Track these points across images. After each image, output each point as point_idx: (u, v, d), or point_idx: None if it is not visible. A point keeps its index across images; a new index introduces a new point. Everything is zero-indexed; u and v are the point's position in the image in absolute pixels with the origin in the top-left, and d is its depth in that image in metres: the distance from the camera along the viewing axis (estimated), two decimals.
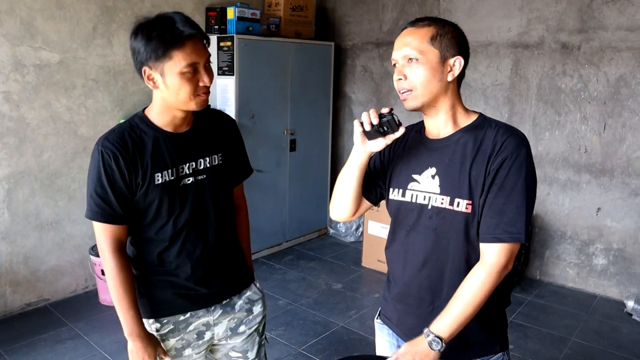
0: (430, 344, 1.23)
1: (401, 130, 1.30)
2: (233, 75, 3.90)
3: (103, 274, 3.38)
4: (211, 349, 1.69)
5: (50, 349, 2.95)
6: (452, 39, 1.30)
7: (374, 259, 4.20)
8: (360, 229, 4.77)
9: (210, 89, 1.47)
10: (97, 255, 3.40)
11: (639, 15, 3.39)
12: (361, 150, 1.36)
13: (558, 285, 3.96)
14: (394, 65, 1.34)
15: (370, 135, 1.32)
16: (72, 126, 3.44)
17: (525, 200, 1.24)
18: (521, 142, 1.28)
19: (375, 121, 1.29)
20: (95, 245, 3.49)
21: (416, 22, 1.33)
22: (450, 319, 1.24)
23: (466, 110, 1.38)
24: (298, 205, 4.66)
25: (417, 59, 1.28)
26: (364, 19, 4.78)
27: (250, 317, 1.69)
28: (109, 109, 3.61)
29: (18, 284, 3.33)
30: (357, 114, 5.01)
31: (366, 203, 1.50)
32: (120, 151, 1.39)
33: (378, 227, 4.15)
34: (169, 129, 1.48)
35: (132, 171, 1.41)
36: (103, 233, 1.44)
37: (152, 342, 1.51)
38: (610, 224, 3.70)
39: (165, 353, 1.55)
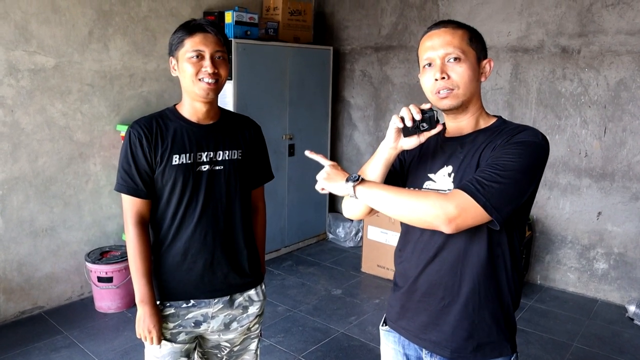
0: (348, 179, 1.27)
1: (439, 128, 1.29)
2: (231, 79, 3.86)
3: (99, 280, 3.35)
4: (202, 337, 1.78)
5: (45, 357, 2.89)
6: (481, 42, 1.34)
7: (374, 264, 4.17)
8: (360, 234, 4.73)
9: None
10: (93, 262, 3.35)
11: (638, 19, 3.38)
12: (392, 147, 1.32)
13: (559, 290, 3.93)
14: (427, 64, 1.33)
15: (407, 132, 1.29)
16: (68, 131, 3.40)
17: (507, 177, 1.17)
18: (534, 135, 1.25)
19: (418, 117, 1.26)
20: (91, 251, 3.47)
21: (446, 24, 1.33)
22: (380, 185, 1.27)
23: (487, 113, 1.39)
24: (297, 211, 4.63)
25: (460, 58, 1.28)
26: (362, 24, 4.76)
27: (244, 315, 1.76)
28: (105, 114, 3.57)
29: (12, 291, 3.27)
30: (356, 119, 4.99)
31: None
32: (145, 132, 1.58)
33: (378, 232, 4.11)
34: (193, 119, 1.64)
35: (153, 150, 1.58)
36: (128, 205, 1.61)
37: (160, 313, 1.64)
38: (611, 228, 3.68)
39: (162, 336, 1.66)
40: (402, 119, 1.27)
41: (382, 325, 1.56)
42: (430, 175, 1.36)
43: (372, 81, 4.80)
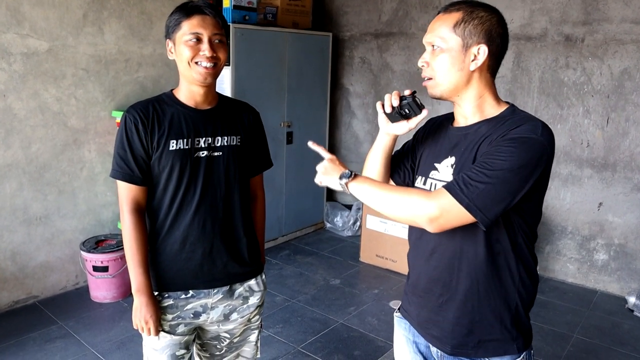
0: (342, 175, 1.29)
1: (424, 113, 1.31)
2: (229, 65, 3.79)
3: (94, 269, 3.29)
4: (201, 328, 1.74)
5: (40, 348, 2.84)
6: (479, 25, 1.22)
7: (372, 253, 4.13)
8: (358, 223, 4.69)
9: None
10: (88, 251, 3.30)
11: None
12: (385, 132, 1.39)
13: (558, 281, 3.91)
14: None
15: (392, 117, 1.35)
16: (62, 117, 3.31)
17: (495, 178, 1.11)
18: (532, 130, 1.16)
19: (396, 103, 1.31)
20: (86, 240, 3.41)
21: (449, 7, 1.28)
22: (370, 182, 1.28)
23: (498, 100, 1.31)
24: (294, 199, 4.57)
25: (439, 47, 1.24)
26: (362, 10, 4.68)
27: (245, 306, 1.72)
28: (100, 100, 3.49)
29: (5, 280, 3.21)
30: (355, 106, 4.92)
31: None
32: (141, 117, 1.53)
33: (377, 222, 4.07)
34: (190, 104, 1.59)
35: (149, 135, 1.53)
36: (123, 192, 1.56)
37: (157, 304, 1.60)
38: (612, 219, 3.65)
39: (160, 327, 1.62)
40: (383, 106, 1.34)
41: (396, 312, 1.55)
42: (436, 165, 1.34)
43: (372, 68, 4.72)
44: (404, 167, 1.48)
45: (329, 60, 4.67)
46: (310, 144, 1.42)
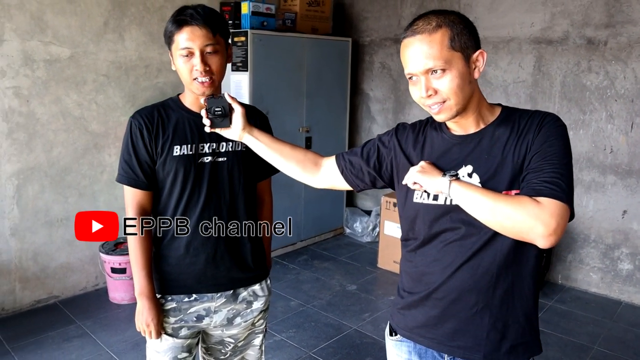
0: (445, 174, 1.21)
1: (227, 98, 1.44)
2: (247, 71, 3.82)
3: (112, 271, 3.35)
4: (205, 332, 1.75)
5: (57, 347, 2.91)
6: (467, 33, 1.19)
7: (390, 260, 4.10)
8: (377, 229, 4.66)
9: (223, 85, 1.62)
10: (107, 253, 3.36)
11: None
12: (241, 141, 1.50)
13: (581, 291, 3.80)
14: (410, 78, 1.23)
15: (220, 124, 1.45)
16: (83, 122, 3.40)
17: (567, 168, 1.14)
18: (558, 118, 1.22)
19: (204, 113, 1.44)
20: (105, 242, 3.47)
21: (422, 29, 1.18)
22: (475, 187, 1.17)
23: (488, 103, 1.29)
24: (313, 205, 4.58)
25: (443, 69, 1.16)
26: (382, 15, 4.67)
27: (248, 310, 1.72)
28: (120, 105, 3.57)
29: (27, 280, 3.30)
30: (375, 112, 4.91)
31: (335, 175, 1.51)
32: (145, 122, 1.55)
33: (394, 228, 4.03)
34: (195, 109, 1.59)
35: (154, 140, 1.55)
36: (128, 196, 1.60)
37: (159, 307, 1.62)
38: (636, 227, 3.54)
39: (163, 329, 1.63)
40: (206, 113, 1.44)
41: (391, 335, 1.45)
42: None
43: (392, 73, 4.70)
44: (365, 179, 1.45)
45: (348, 66, 4.67)
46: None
